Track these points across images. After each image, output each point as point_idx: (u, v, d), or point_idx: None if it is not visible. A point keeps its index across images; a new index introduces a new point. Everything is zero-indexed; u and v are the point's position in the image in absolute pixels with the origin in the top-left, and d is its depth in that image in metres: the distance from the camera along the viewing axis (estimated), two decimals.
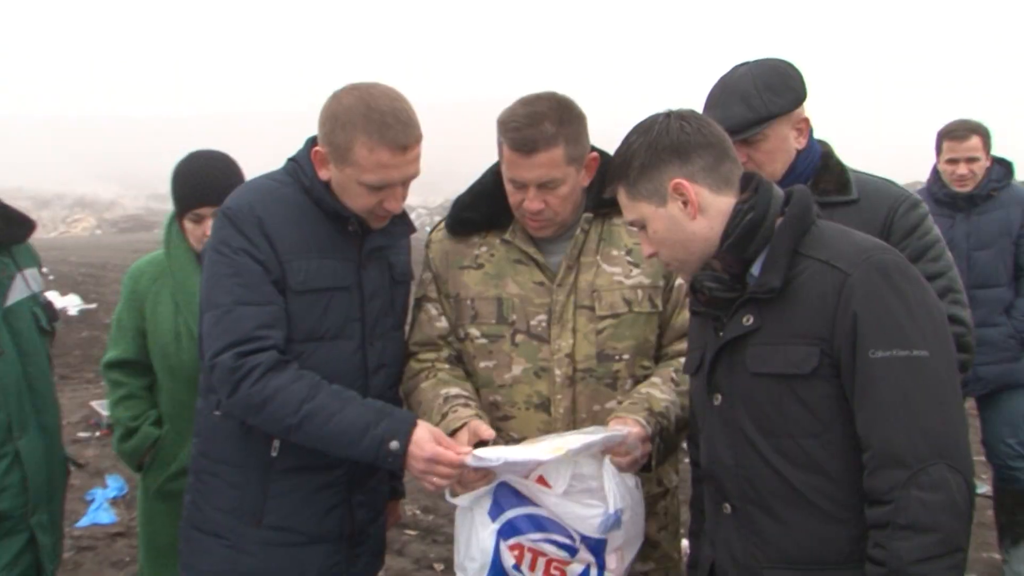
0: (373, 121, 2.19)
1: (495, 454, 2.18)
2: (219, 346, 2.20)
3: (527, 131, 2.27)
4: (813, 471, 1.84)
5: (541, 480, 2.23)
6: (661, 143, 1.93)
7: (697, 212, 1.92)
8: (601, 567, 2.26)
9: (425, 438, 2.19)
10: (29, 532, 2.53)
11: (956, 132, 4.55)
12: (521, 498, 2.25)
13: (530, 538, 2.25)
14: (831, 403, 1.82)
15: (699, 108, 2.11)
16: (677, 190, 1.92)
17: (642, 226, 2.01)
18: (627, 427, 2.22)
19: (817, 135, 2.69)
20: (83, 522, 5.47)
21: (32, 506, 2.53)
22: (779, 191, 1.97)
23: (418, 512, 5.65)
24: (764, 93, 2.50)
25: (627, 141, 1.99)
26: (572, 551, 2.25)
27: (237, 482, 2.35)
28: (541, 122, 2.28)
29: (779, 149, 2.56)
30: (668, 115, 1.97)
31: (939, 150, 4.62)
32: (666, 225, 1.95)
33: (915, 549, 1.68)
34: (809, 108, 2.61)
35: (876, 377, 1.75)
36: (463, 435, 2.28)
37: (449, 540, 5.20)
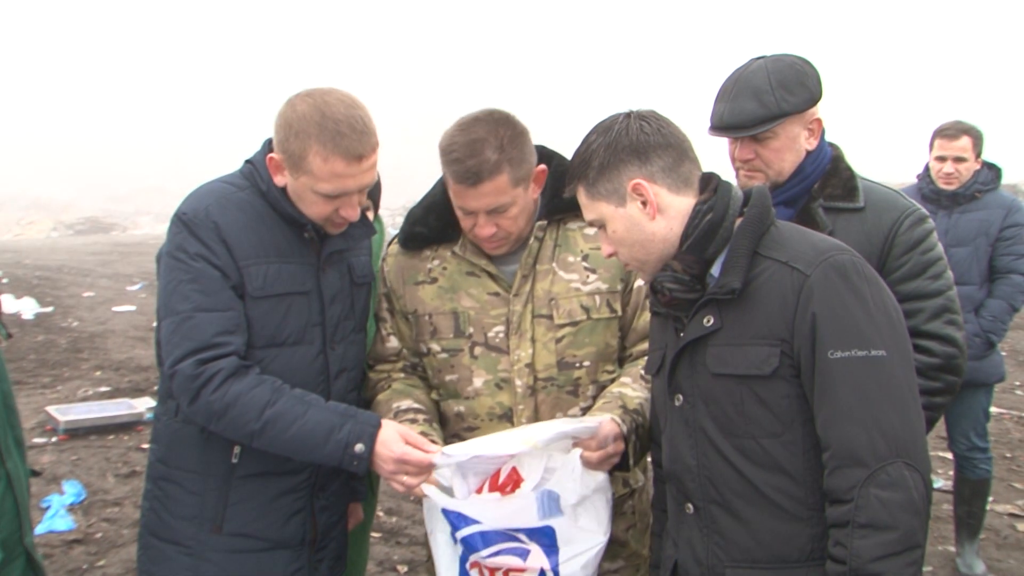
0: (327, 130, 2.16)
1: (464, 450, 2.18)
2: (179, 354, 2.18)
3: (469, 162, 2.22)
4: (774, 471, 1.86)
5: (515, 471, 2.23)
6: (620, 143, 1.93)
7: (656, 212, 1.93)
8: (555, 570, 2.23)
9: (392, 438, 2.18)
10: (25, 555, 2.46)
11: (948, 131, 4.68)
12: (466, 518, 2.24)
13: (482, 555, 2.25)
14: (791, 403, 1.84)
15: (664, 109, 2.11)
16: (636, 190, 1.92)
17: (601, 226, 2.01)
18: (598, 417, 2.21)
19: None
20: (39, 530, 5.34)
21: (26, 527, 2.47)
22: (738, 192, 1.98)
23: (381, 514, 5.63)
24: (777, 90, 2.46)
25: (587, 141, 1.99)
26: (524, 554, 2.24)
27: (197, 489, 2.33)
28: (482, 151, 2.22)
29: (788, 148, 2.52)
30: (628, 115, 1.97)
31: (931, 147, 4.76)
32: (625, 225, 1.96)
33: (875, 547, 1.70)
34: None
35: (835, 377, 1.77)
36: None
37: (412, 542, 5.21)
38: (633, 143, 1.93)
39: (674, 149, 1.95)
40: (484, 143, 2.24)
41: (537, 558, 2.24)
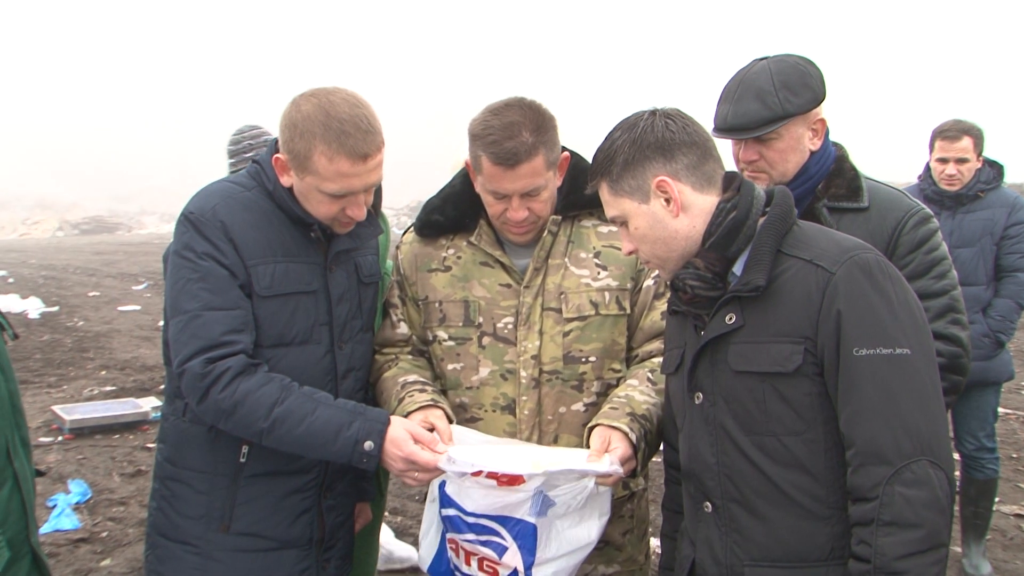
0: (332, 130, 2.16)
1: (470, 460, 2.17)
2: (187, 352, 2.17)
3: (508, 144, 2.24)
4: (796, 469, 1.86)
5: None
6: (646, 140, 1.93)
7: (680, 210, 1.93)
8: (528, 572, 2.22)
9: (402, 437, 2.19)
10: (31, 554, 2.46)
11: (948, 132, 4.64)
12: (454, 501, 2.26)
13: (463, 537, 2.27)
14: (814, 401, 1.83)
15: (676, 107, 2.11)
16: (660, 187, 1.92)
17: (623, 222, 2.00)
18: (615, 468, 2.17)
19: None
20: (45, 528, 5.36)
21: (32, 527, 2.47)
22: (760, 191, 1.98)
23: (386, 513, 5.62)
24: (781, 91, 2.45)
25: (611, 137, 1.98)
26: (501, 550, 2.24)
27: (205, 488, 2.33)
28: (519, 133, 2.25)
29: (792, 149, 2.52)
30: (653, 112, 1.97)
31: (931, 148, 4.72)
32: (648, 222, 1.95)
33: (900, 545, 1.70)
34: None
35: (859, 375, 1.76)
36: (416, 416, 2.30)
37: (417, 542, 5.21)
38: (658, 140, 1.92)
39: (698, 147, 1.95)
40: (521, 125, 2.26)
41: (513, 557, 2.23)
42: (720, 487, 1.95)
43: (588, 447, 2.24)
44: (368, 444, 2.17)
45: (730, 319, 1.90)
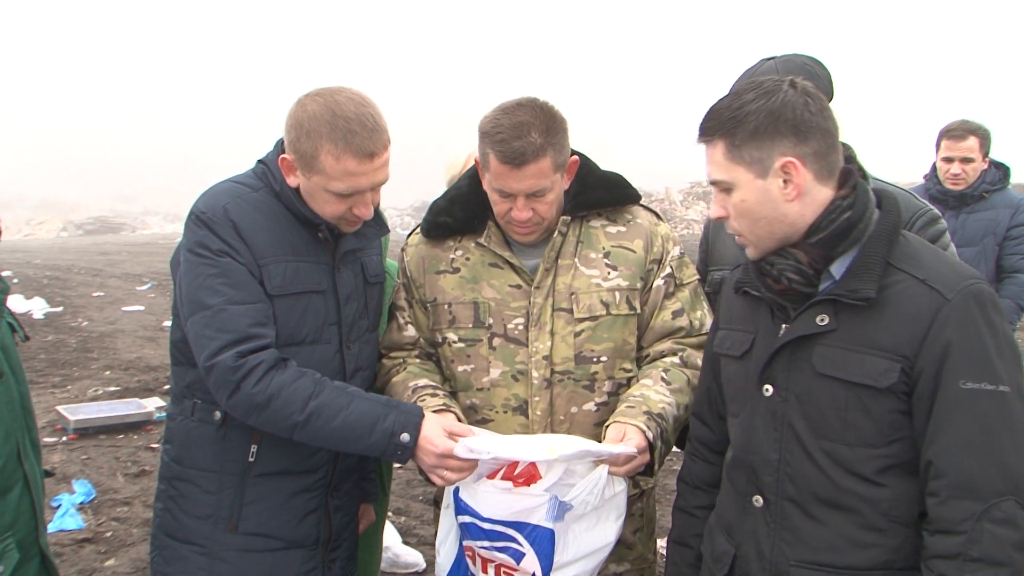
0: (338, 128, 2.16)
1: (485, 448, 2.18)
2: (215, 346, 2.16)
3: (516, 143, 2.24)
4: (863, 480, 1.83)
5: (533, 465, 2.22)
6: (784, 115, 1.82)
7: (797, 196, 1.85)
8: (547, 573, 2.23)
9: (436, 433, 2.19)
10: (40, 555, 2.46)
11: (954, 132, 4.67)
12: (469, 507, 2.26)
13: (480, 544, 2.27)
14: (896, 419, 1.81)
15: (672, 111, 2.08)
16: (786, 168, 1.83)
17: (726, 189, 1.91)
18: (629, 449, 2.19)
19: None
20: (49, 528, 5.35)
21: (41, 528, 2.46)
22: (872, 193, 1.93)
23: (390, 514, 5.63)
24: None
25: (741, 98, 1.86)
26: (519, 556, 2.23)
27: (213, 488, 2.33)
28: (528, 133, 2.25)
29: None
30: (793, 85, 1.86)
31: (938, 147, 4.75)
32: (758, 199, 1.86)
33: None
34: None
35: (961, 407, 1.73)
36: None
37: (421, 542, 5.22)
38: (797, 118, 1.82)
39: (830, 136, 1.86)
40: (530, 126, 2.26)
41: (531, 562, 2.23)
42: (777, 484, 1.92)
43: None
44: (404, 436, 2.17)
45: (822, 320, 1.85)
